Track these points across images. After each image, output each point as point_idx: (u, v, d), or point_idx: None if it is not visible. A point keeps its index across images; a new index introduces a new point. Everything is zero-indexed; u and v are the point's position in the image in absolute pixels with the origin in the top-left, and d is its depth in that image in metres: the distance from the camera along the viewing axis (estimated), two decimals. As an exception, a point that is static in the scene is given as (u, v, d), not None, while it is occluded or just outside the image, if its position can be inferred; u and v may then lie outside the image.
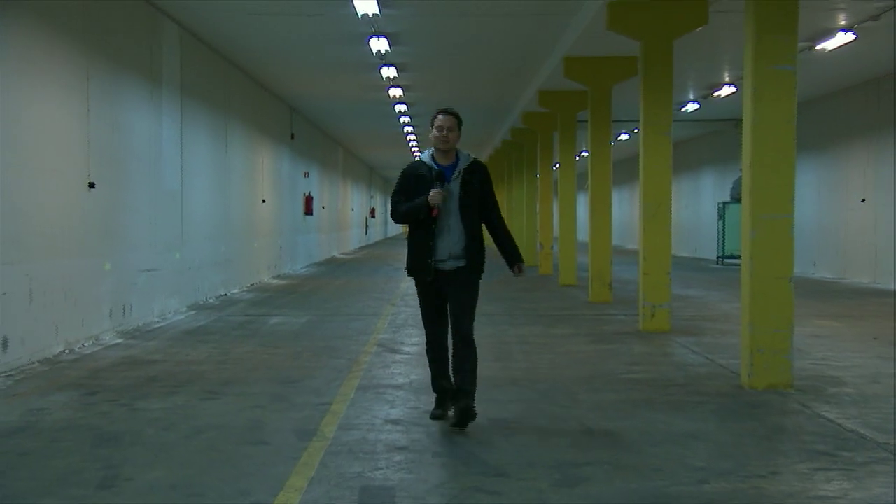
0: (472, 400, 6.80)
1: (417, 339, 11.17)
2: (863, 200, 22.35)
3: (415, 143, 36.81)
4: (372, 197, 57.15)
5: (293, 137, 26.74)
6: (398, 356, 10.46)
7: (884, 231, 21.28)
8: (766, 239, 8.50)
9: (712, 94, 23.27)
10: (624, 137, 32.58)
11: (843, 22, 15.19)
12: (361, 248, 46.99)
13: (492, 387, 8.39)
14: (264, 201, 22.77)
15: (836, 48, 16.60)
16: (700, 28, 12.86)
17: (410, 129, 32.26)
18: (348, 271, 27.78)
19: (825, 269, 24.17)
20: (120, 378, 9.16)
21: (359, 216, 49.37)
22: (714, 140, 33.10)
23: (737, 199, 27.57)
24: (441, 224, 6.90)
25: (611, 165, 17.48)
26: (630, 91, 16.99)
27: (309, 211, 29.13)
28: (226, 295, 18.34)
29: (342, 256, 37.60)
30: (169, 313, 14.68)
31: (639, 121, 13.14)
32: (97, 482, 5.57)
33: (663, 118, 12.86)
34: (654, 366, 9.93)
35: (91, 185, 11.69)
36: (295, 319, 14.29)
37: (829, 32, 15.76)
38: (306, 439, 6.60)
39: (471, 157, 7.06)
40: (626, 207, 44.17)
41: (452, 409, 6.95)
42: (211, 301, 17.12)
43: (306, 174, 29.27)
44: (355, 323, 13.81)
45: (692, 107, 25.35)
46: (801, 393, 8.26)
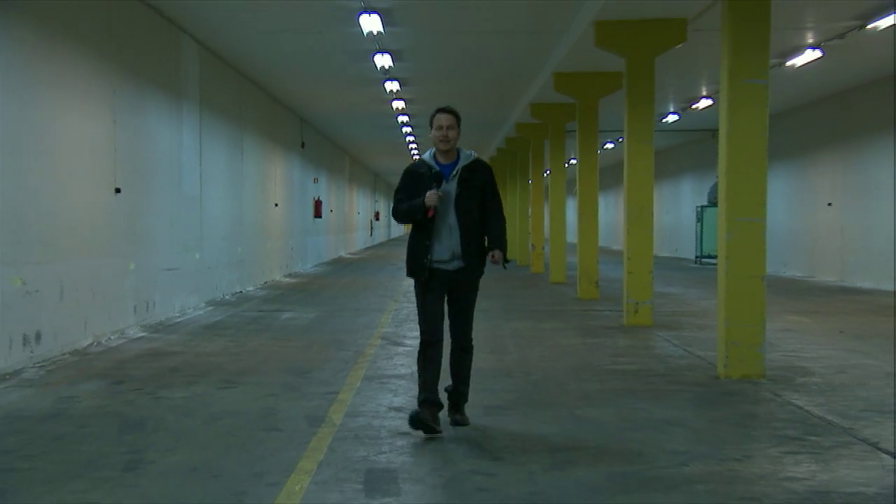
0: (466, 399, 6.58)
1: (418, 333, 11.16)
2: (829, 205, 22.37)
3: (416, 152, 36.79)
4: (376, 201, 57.11)
5: (303, 146, 26.74)
6: (401, 348, 10.46)
7: (849, 233, 21.33)
8: (741, 240, 8.51)
9: (691, 107, 23.28)
10: (609, 146, 32.57)
11: (812, 40, 15.21)
12: (367, 249, 46.98)
13: (487, 377, 8.39)
14: (276, 205, 22.77)
15: (805, 64, 16.62)
16: (679, 45, 12.90)
17: (412, 139, 32.27)
18: (354, 270, 27.78)
19: (795, 269, 24.19)
20: (144, 369, 9.17)
21: (364, 219, 49.35)
22: (692, 149, 33.12)
23: (714, 204, 27.57)
24: (440, 224, 6.37)
25: (597, 172, 17.51)
26: (615, 104, 16.99)
27: (318, 214, 29.11)
28: (241, 292, 18.34)
29: (349, 256, 37.59)
30: (188, 309, 14.68)
31: (623, 131, 13.16)
32: (123, 465, 5.58)
33: (646, 129, 12.88)
34: (637, 358, 9.94)
35: (117, 191, 11.70)
36: (305, 315, 14.29)
37: (799, 50, 15.78)
38: (316, 425, 6.60)
39: (472, 156, 6.54)
40: (612, 211, 44.17)
41: (448, 406, 6.54)
42: (227, 298, 17.12)
43: (315, 180, 29.26)
44: (361, 318, 13.81)
45: (672, 118, 25.36)
46: (773, 383, 8.28)
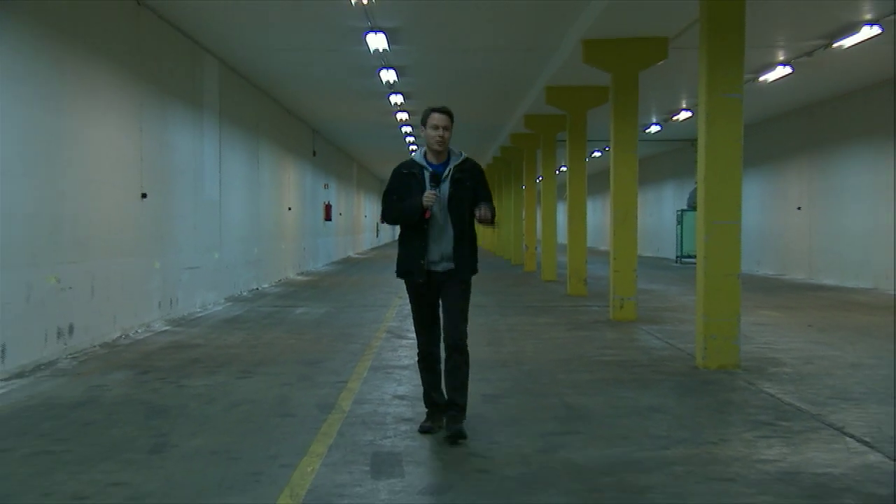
0: (464, 415, 5.87)
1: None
2: (798, 209, 22.38)
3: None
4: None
5: (314, 154, 26.74)
6: (404, 341, 10.46)
7: (816, 235, 21.34)
8: (718, 241, 8.51)
9: (672, 118, 23.29)
10: (597, 155, 32.58)
11: (782, 58, 15.24)
12: (373, 249, 46.94)
13: (484, 368, 8.39)
14: (290, 209, 22.77)
15: (776, 80, 16.65)
16: (661, 62, 12.90)
17: (414, 148, 32.25)
18: (361, 269, 27.76)
19: (767, 267, 24.19)
20: (168, 360, 9.18)
21: (371, 222, 49.29)
22: (673, 157, 33.12)
23: (693, 208, 27.58)
24: (433, 225, 5.82)
25: (585, 178, 17.51)
26: (602, 115, 17.01)
27: (328, 217, 29.11)
28: (257, 289, 18.34)
29: (356, 256, 37.57)
30: (209, 305, 14.68)
31: (609, 140, 13.16)
32: (148, 448, 5.58)
33: (630, 138, 12.88)
34: (623, 349, 9.94)
35: (143, 196, 11.70)
36: (316, 310, 14.29)
37: (770, 66, 15.81)
38: (326, 412, 6.60)
39: (462, 155, 5.99)
40: (599, 214, 44.14)
41: (445, 421, 5.88)
42: (244, 294, 17.12)
43: (326, 186, 29.25)
44: (368, 313, 13.81)
45: (655, 129, 25.37)
46: (747, 372, 8.28)
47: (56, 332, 9.09)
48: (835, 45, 13.72)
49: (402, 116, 22.40)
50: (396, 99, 19.42)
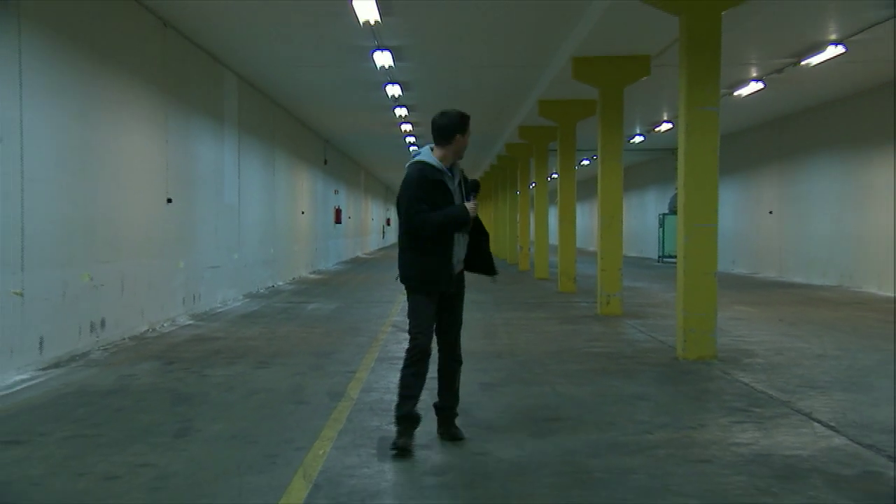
0: (456, 413, 5.41)
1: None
2: (770, 213, 22.38)
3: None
4: (388, 209, 57.03)
5: (326, 163, 26.72)
6: (408, 335, 10.43)
7: (786, 237, 21.35)
8: (696, 242, 8.52)
9: (654, 129, 23.28)
10: (585, 163, 32.54)
11: (755, 74, 15.25)
12: (379, 250, 46.91)
13: (482, 359, 8.40)
14: (303, 213, 22.76)
15: (750, 94, 16.65)
16: (645, 78, 12.91)
17: (415, 148, 32.28)
18: (369, 268, 27.75)
19: (742, 266, 24.18)
20: (191, 351, 9.18)
21: (377, 224, 49.31)
22: (656, 165, 33.11)
23: (673, 212, 27.57)
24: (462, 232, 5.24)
25: (575, 185, 17.51)
26: (590, 126, 17.05)
27: (338, 220, 29.10)
28: (273, 286, 18.34)
29: (364, 256, 37.55)
30: (229, 301, 14.69)
31: (597, 150, 13.17)
32: (174, 432, 5.59)
33: (616, 148, 12.89)
34: (609, 342, 9.94)
35: (168, 201, 11.71)
36: (327, 306, 14.29)
37: (744, 82, 15.82)
38: (336, 399, 6.60)
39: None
40: (588, 218, 44.10)
41: (447, 427, 5.35)
42: (261, 291, 17.12)
43: (336, 191, 29.24)
44: (374, 308, 13.80)
45: (639, 139, 25.35)
46: (723, 363, 8.28)
47: (89, 326, 9.09)
48: (802, 63, 13.73)
49: (406, 128, 22.41)
50: (401, 111, 19.44)
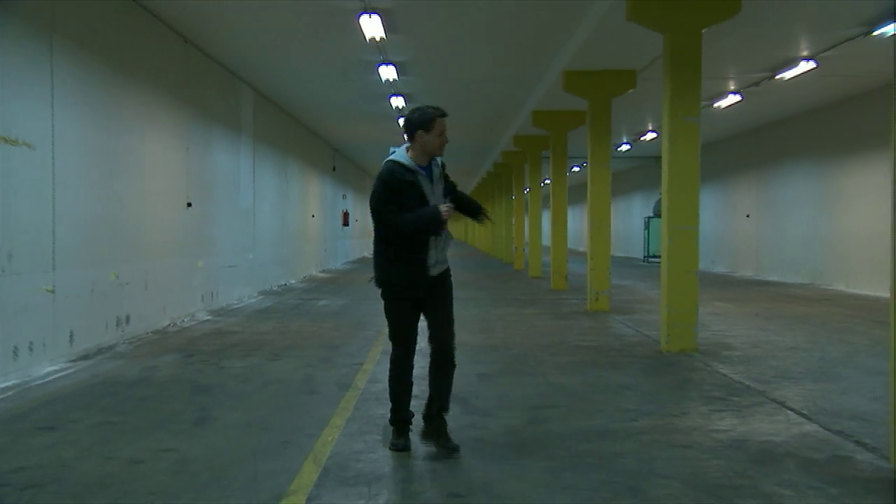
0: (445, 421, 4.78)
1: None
2: (748, 216, 22.38)
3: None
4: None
5: (334, 169, 26.73)
6: (411, 329, 10.43)
7: (762, 238, 21.35)
8: (679, 243, 8.52)
9: (640, 138, 23.28)
10: (576, 169, 32.55)
11: (733, 87, 15.24)
12: (384, 250, 46.83)
13: (478, 351, 8.40)
14: (313, 216, 22.76)
15: (728, 106, 16.65)
16: (631, 91, 12.90)
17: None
18: (375, 267, 27.68)
19: (721, 265, 24.18)
20: (210, 344, 9.18)
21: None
22: (641, 171, 33.11)
23: (658, 215, 27.57)
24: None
25: (566, 190, 17.51)
26: (580, 136, 17.05)
27: (346, 223, 29.11)
28: (285, 284, 18.34)
29: (371, 256, 37.46)
30: (244, 298, 14.69)
31: (587, 157, 13.17)
32: (193, 420, 5.59)
33: (604, 156, 12.89)
34: (598, 336, 9.93)
35: (189, 205, 11.71)
36: (336, 302, 14.29)
37: (723, 95, 15.81)
38: (344, 390, 6.60)
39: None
40: (578, 221, 44.06)
41: (437, 434, 4.75)
42: (275, 289, 17.12)
43: (344, 196, 29.24)
44: (380, 304, 13.72)
45: (625, 147, 25.36)
46: (704, 355, 8.28)
47: (115, 321, 9.10)
48: (777, 77, 13.74)
49: (409, 137, 22.43)
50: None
